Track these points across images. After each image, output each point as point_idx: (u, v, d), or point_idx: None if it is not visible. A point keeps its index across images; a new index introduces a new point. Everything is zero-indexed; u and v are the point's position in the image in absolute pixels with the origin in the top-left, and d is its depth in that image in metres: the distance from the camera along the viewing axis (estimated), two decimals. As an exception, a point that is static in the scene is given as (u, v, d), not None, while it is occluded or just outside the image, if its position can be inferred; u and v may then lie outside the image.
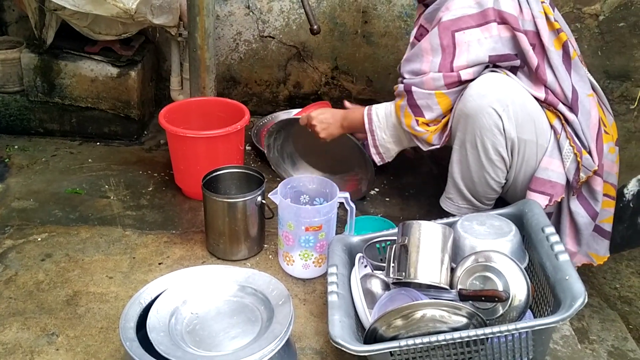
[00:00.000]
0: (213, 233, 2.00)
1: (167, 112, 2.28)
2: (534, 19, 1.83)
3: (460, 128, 1.87)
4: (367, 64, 2.92)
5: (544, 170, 1.86)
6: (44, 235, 2.09)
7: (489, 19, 1.81)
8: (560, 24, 1.88)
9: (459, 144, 1.90)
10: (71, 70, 2.61)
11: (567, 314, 1.41)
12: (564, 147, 1.84)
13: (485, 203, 1.99)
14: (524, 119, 1.83)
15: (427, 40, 1.88)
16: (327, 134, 2.14)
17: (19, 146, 2.65)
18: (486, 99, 1.80)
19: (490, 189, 1.93)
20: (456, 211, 2.00)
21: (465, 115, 1.84)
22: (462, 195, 1.97)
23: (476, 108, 1.82)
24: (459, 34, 1.82)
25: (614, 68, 2.78)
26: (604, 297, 2.17)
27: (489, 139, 1.83)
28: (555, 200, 1.85)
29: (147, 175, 2.48)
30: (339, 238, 1.86)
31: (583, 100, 1.87)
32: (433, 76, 1.86)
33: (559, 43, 1.87)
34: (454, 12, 1.83)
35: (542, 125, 1.85)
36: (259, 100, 3.03)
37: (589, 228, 1.90)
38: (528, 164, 1.88)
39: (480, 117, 1.82)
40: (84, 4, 2.30)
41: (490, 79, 1.83)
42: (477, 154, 1.87)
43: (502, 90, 1.81)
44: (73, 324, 1.73)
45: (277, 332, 1.46)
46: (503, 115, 1.80)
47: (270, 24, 2.86)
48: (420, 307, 1.48)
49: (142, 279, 1.90)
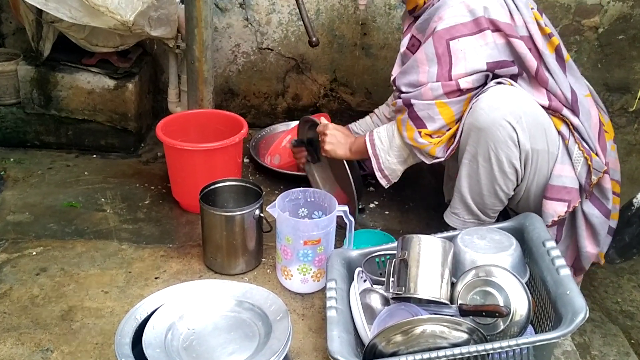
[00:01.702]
0: (210, 247, 1.98)
1: (164, 124, 2.26)
2: (526, 24, 1.83)
3: (471, 142, 1.84)
4: (366, 76, 2.91)
5: (558, 178, 1.85)
6: (39, 249, 2.07)
7: (482, 27, 1.80)
8: (550, 29, 1.89)
9: (469, 157, 1.87)
10: (68, 83, 2.60)
11: (568, 330, 1.40)
12: (574, 152, 1.84)
13: (491, 216, 1.97)
14: (536, 129, 1.81)
15: (422, 51, 1.86)
16: (331, 149, 2.11)
17: (14, 159, 2.63)
18: (499, 111, 1.78)
19: (498, 201, 1.91)
20: (461, 226, 1.97)
21: (477, 129, 1.81)
22: (469, 209, 1.95)
23: (489, 121, 1.79)
24: (454, 43, 1.81)
25: (614, 80, 2.77)
26: (605, 312, 2.15)
27: (504, 151, 1.81)
28: (574, 206, 1.84)
29: (144, 188, 2.47)
30: (337, 252, 1.84)
31: (582, 101, 1.87)
32: (431, 86, 1.84)
33: (551, 47, 1.87)
34: (447, 21, 1.81)
35: (552, 133, 1.84)
36: (257, 112, 3.02)
37: (604, 227, 1.90)
38: (540, 173, 1.87)
39: (494, 131, 1.79)
40: (81, 16, 2.29)
41: (500, 92, 1.81)
42: (490, 167, 1.85)
43: (514, 102, 1.80)
44: (68, 340, 1.71)
45: (275, 348, 1.44)
46: (517, 127, 1.78)
47: (269, 36, 2.86)
48: (420, 323, 1.46)
49: (139, 294, 1.88)
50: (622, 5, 2.64)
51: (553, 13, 2.67)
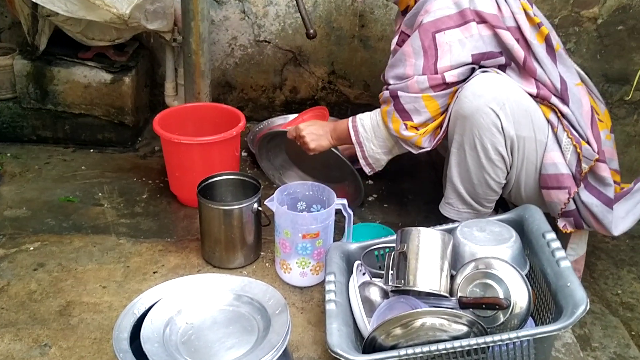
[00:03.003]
0: (209, 241, 1.97)
1: (161, 118, 2.25)
2: (513, 15, 1.84)
3: (457, 130, 1.86)
4: (364, 69, 2.90)
5: (552, 165, 1.85)
6: (36, 244, 2.07)
7: (467, 19, 1.82)
8: (540, 19, 1.89)
9: (456, 146, 1.89)
10: (64, 77, 2.59)
11: (568, 322, 1.39)
12: (563, 139, 1.84)
13: (486, 206, 1.97)
14: (520, 116, 1.82)
15: (408, 44, 1.88)
16: (316, 144, 2.10)
17: (11, 154, 2.62)
18: (482, 98, 1.80)
19: (491, 190, 1.92)
20: (456, 216, 1.98)
21: (463, 117, 1.83)
22: (462, 199, 1.95)
23: (473, 108, 1.81)
24: (439, 35, 1.82)
25: (613, 71, 2.76)
26: (605, 304, 2.15)
27: (488, 138, 1.82)
28: (575, 191, 1.84)
29: (142, 183, 2.46)
30: (336, 245, 1.84)
31: (572, 89, 1.87)
32: (417, 79, 1.86)
33: (541, 37, 1.87)
34: (432, 14, 1.83)
35: (539, 120, 1.85)
36: (255, 105, 3.01)
37: (607, 216, 1.88)
38: (529, 160, 1.87)
39: (477, 117, 1.81)
40: (77, 9, 2.28)
41: (484, 79, 1.83)
42: (477, 155, 1.86)
43: (497, 88, 1.81)
44: (66, 335, 1.71)
45: (274, 342, 1.43)
46: (500, 113, 1.80)
47: (266, 28, 2.84)
48: (420, 316, 1.46)
49: (137, 289, 1.87)
50: (621, -4, 2.64)
51: (552, 4, 2.66)
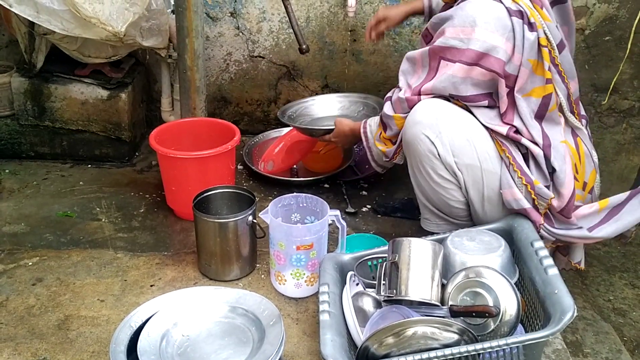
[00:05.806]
0: (205, 254, 2.00)
1: (158, 133, 2.28)
2: (520, 66, 1.78)
3: (407, 153, 1.94)
4: (356, 82, 2.93)
5: (514, 201, 1.82)
6: (35, 259, 2.09)
7: (473, 62, 1.78)
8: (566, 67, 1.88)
9: (410, 168, 1.96)
10: (61, 94, 2.62)
11: (556, 328, 1.42)
12: (515, 178, 1.82)
13: (461, 216, 1.97)
14: (461, 145, 1.83)
15: (423, 54, 1.89)
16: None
17: (9, 170, 2.65)
18: (419, 126, 1.84)
19: (455, 208, 1.94)
20: (437, 229, 2.00)
21: (406, 143, 1.90)
22: (434, 214, 2.00)
23: (411, 136, 1.86)
24: (443, 63, 1.84)
25: (601, 81, 2.79)
26: (597, 309, 2.17)
27: (427, 164, 1.87)
28: (541, 224, 1.81)
29: (139, 197, 2.48)
30: (330, 256, 1.86)
31: (557, 146, 1.84)
32: (400, 97, 1.91)
33: (541, 92, 1.83)
34: (444, 40, 1.82)
35: (486, 151, 1.84)
36: (250, 119, 3.04)
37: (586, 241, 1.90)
38: (481, 185, 1.86)
39: (415, 144, 1.86)
40: (73, 27, 2.31)
41: (424, 106, 1.86)
42: (424, 177, 1.91)
43: (434, 116, 1.83)
44: (64, 349, 1.73)
45: (268, 353, 1.46)
46: (436, 141, 1.82)
47: (260, 44, 2.88)
48: (412, 325, 1.48)
49: (134, 302, 1.89)
50: (608, 7, 2.67)
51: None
